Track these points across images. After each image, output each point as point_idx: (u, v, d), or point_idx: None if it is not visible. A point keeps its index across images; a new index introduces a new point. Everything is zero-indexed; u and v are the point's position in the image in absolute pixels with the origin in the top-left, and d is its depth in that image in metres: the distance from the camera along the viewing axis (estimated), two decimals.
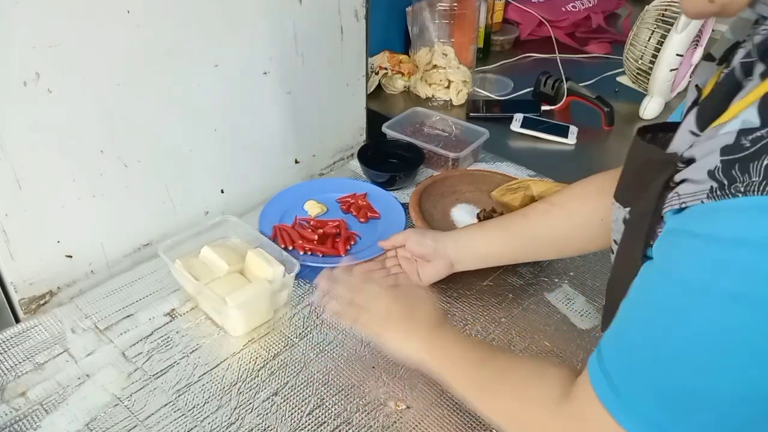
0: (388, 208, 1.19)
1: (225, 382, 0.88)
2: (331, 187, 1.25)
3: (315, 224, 1.13)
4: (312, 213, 1.18)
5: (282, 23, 1.13)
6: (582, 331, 0.98)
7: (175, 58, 1.00)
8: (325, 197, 1.22)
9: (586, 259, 1.11)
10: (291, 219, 1.16)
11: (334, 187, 1.25)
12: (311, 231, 1.12)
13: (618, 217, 0.63)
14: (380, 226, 1.16)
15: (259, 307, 0.95)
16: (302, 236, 1.10)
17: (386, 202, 1.21)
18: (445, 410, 0.85)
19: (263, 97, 1.17)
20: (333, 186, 1.26)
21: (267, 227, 1.13)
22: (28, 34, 0.83)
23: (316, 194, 1.23)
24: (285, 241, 1.09)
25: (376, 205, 1.20)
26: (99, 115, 0.95)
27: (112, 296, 1.01)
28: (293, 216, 1.17)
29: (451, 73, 1.64)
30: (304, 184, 1.27)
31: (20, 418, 0.82)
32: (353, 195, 1.22)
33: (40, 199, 0.93)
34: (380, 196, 1.22)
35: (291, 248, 1.09)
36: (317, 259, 1.07)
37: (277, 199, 1.20)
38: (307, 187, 1.25)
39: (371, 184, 1.26)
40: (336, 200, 1.22)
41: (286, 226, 1.14)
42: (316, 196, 1.22)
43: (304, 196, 1.22)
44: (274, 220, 1.15)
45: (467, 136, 1.39)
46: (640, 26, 1.56)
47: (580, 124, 1.51)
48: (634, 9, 2.15)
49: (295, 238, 1.10)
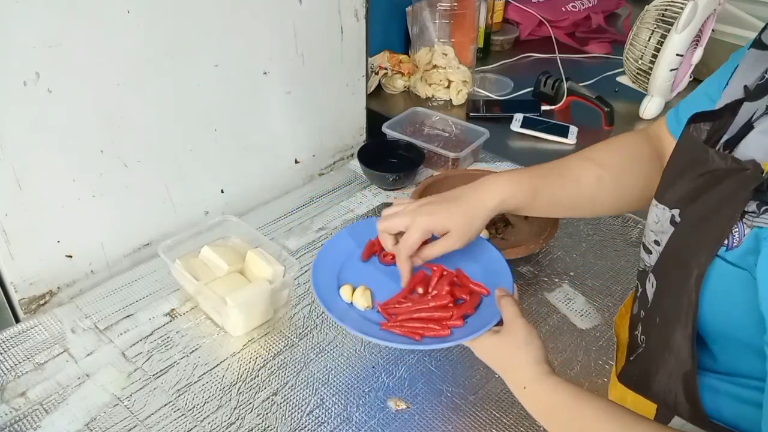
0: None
1: (225, 382, 0.88)
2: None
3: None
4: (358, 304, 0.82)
5: (282, 23, 1.13)
6: (582, 331, 0.98)
7: (175, 58, 1.00)
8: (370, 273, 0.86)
9: (586, 259, 1.11)
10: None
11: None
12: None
13: (661, 218, 0.61)
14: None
15: (259, 307, 0.95)
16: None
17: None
18: (445, 410, 0.85)
19: (263, 97, 1.17)
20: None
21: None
22: (28, 34, 0.83)
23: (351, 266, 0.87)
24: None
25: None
26: (99, 115, 0.95)
27: (112, 296, 1.01)
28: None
29: (451, 73, 1.64)
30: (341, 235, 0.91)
31: (20, 418, 0.82)
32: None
33: (40, 199, 0.93)
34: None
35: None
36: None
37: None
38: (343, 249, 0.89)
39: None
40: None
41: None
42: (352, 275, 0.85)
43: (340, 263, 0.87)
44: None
45: (467, 136, 1.39)
46: (640, 26, 1.56)
47: (580, 124, 1.51)
48: (634, 9, 2.14)
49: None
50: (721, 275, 0.55)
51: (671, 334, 0.60)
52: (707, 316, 0.58)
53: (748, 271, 0.52)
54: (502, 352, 0.72)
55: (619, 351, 0.79)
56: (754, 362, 0.54)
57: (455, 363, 0.92)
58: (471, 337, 0.74)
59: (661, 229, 0.62)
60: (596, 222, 1.21)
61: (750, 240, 0.52)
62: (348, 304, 0.80)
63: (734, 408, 0.61)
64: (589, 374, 0.91)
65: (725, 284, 0.55)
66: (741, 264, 0.53)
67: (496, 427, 0.83)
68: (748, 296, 0.52)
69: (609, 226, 1.20)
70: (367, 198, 1.27)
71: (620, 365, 0.75)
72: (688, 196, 0.58)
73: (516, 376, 0.70)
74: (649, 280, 0.64)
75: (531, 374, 0.68)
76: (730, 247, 0.53)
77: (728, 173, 0.54)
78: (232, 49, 1.07)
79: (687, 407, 0.62)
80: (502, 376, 0.72)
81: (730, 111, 0.60)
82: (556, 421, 0.67)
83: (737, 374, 0.61)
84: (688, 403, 0.62)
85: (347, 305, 0.80)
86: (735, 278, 0.54)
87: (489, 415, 0.85)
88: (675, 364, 0.61)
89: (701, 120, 0.61)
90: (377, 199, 1.27)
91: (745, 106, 0.59)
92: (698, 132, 0.61)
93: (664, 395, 0.64)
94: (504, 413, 0.85)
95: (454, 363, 0.92)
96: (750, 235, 0.52)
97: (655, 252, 0.63)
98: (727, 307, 0.56)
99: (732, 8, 1.70)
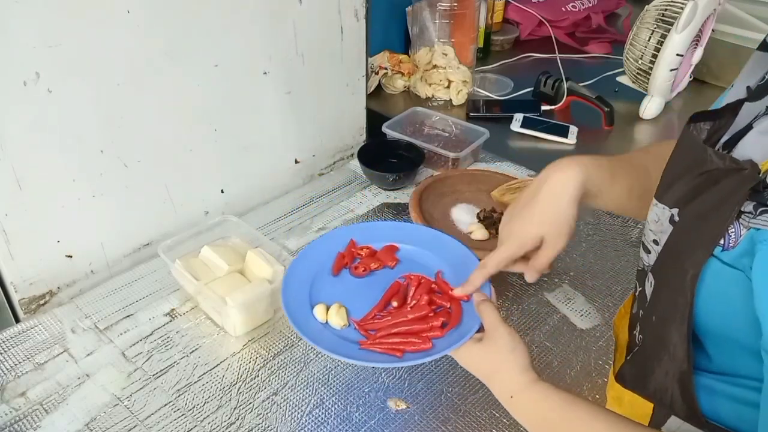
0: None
1: (225, 382, 0.88)
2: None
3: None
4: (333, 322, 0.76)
5: (282, 23, 1.13)
6: (582, 331, 0.98)
7: (175, 58, 1.00)
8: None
9: (586, 259, 1.11)
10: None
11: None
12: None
13: (661, 217, 0.61)
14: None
15: (259, 307, 0.95)
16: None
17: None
18: (445, 410, 0.85)
19: (263, 97, 1.17)
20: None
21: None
22: (28, 34, 0.83)
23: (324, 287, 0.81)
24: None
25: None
26: (99, 115, 0.95)
27: (112, 296, 1.01)
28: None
29: (451, 73, 1.64)
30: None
31: (20, 418, 0.82)
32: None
33: (40, 199, 0.93)
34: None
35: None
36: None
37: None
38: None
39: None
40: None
41: None
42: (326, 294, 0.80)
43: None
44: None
45: (467, 136, 1.39)
46: (640, 26, 1.56)
47: (580, 124, 1.51)
48: (634, 9, 2.14)
49: None
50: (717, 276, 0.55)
51: (667, 333, 0.60)
52: (704, 316, 0.58)
53: (743, 273, 0.53)
54: (486, 361, 0.70)
55: (618, 351, 0.79)
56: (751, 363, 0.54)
57: (455, 363, 0.90)
58: (453, 347, 0.71)
59: (660, 228, 0.62)
60: (596, 222, 1.21)
61: (746, 241, 0.52)
62: (323, 324, 0.75)
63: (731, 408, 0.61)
64: (589, 374, 0.91)
65: (721, 285, 0.55)
66: (737, 265, 0.53)
67: (495, 427, 0.83)
68: (743, 297, 0.52)
69: (609, 226, 1.20)
70: (367, 198, 1.27)
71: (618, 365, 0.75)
72: (687, 195, 0.58)
73: (502, 386, 0.68)
74: (648, 280, 0.64)
75: (517, 383, 0.67)
76: (726, 247, 0.54)
77: (726, 173, 0.54)
78: (232, 49, 1.07)
79: (683, 406, 0.62)
80: (487, 384, 0.70)
81: (731, 111, 0.60)
82: (546, 428, 0.66)
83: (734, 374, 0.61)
84: (684, 403, 0.62)
85: (322, 326, 0.75)
86: (731, 279, 0.54)
87: (489, 415, 0.85)
88: (671, 363, 0.61)
89: (702, 119, 0.61)
90: (377, 199, 1.27)
91: (746, 106, 0.59)
92: (698, 131, 0.61)
93: (661, 394, 0.64)
94: (504, 413, 0.84)
95: (454, 363, 0.91)
96: (746, 237, 0.52)
97: (654, 251, 0.63)
98: (723, 307, 0.56)
99: (732, 8, 1.70)
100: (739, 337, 0.57)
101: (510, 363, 0.68)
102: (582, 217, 1.20)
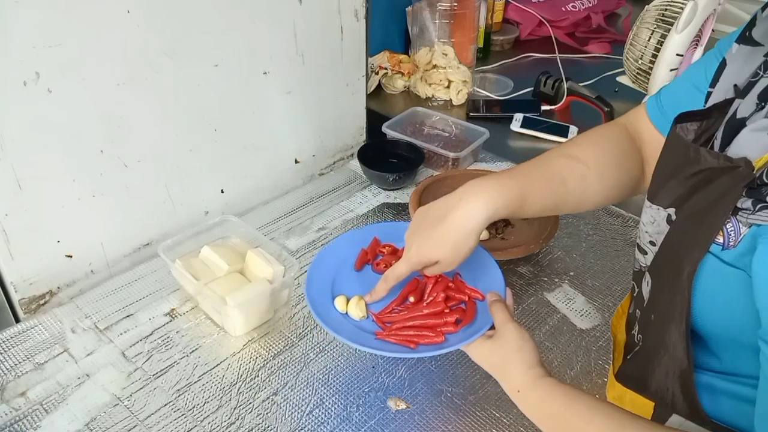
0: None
1: (225, 382, 0.88)
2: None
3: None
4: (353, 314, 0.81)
5: (282, 23, 1.13)
6: (582, 331, 0.98)
7: (175, 58, 1.00)
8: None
9: (586, 259, 1.11)
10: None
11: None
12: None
13: (657, 218, 0.61)
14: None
15: (259, 307, 0.95)
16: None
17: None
18: (445, 410, 0.85)
19: (263, 97, 1.17)
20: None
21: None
22: (28, 34, 0.83)
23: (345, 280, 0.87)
24: None
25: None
26: (99, 115, 0.95)
27: (112, 296, 1.01)
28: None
29: (451, 73, 1.64)
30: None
31: (20, 418, 0.82)
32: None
33: (40, 199, 0.93)
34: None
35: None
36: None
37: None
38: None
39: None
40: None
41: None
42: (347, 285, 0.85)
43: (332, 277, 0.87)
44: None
45: (467, 136, 1.39)
46: (640, 26, 1.56)
47: (580, 124, 1.51)
48: (634, 9, 2.14)
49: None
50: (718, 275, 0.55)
51: (666, 332, 0.60)
52: (705, 316, 0.58)
53: (745, 271, 0.53)
54: (495, 358, 0.73)
55: (616, 351, 0.79)
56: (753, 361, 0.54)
57: (455, 363, 0.92)
58: (465, 342, 0.74)
59: (657, 229, 0.62)
60: (596, 222, 1.21)
61: (747, 240, 0.52)
62: (343, 315, 0.81)
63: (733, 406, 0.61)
64: (589, 374, 0.91)
65: (722, 285, 0.55)
66: (738, 264, 0.53)
67: (496, 427, 0.83)
68: (746, 297, 0.52)
69: (609, 226, 1.20)
70: (367, 198, 1.27)
71: (617, 365, 0.75)
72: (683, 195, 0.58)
73: (510, 381, 0.70)
74: (645, 280, 0.64)
75: (524, 379, 0.69)
76: (726, 246, 0.54)
77: (721, 171, 0.54)
78: (232, 49, 1.07)
79: (684, 405, 0.62)
80: (498, 380, 0.72)
81: (719, 111, 0.60)
82: (551, 423, 0.67)
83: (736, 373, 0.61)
84: (685, 401, 0.62)
85: (342, 316, 0.80)
86: (733, 279, 0.54)
87: (489, 415, 0.85)
88: (671, 362, 0.61)
89: (688, 120, 0.61)
90: (377, 199, 1.27)
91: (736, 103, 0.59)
92: (685, 132, 0.61)
93: (662, 393, 0.64)
94: (504, 413, 0.85)
95: (454, 363, 0.92)
96: (747, 235, 0.52)
97: (651, 252, 0.63)
98: (725, 307, 0.56)
99: (732, 8, 1.70)
100: (742, 336, 0.57)
101: (517, 359, 0.70)
102: (581, 217, 1.20)
